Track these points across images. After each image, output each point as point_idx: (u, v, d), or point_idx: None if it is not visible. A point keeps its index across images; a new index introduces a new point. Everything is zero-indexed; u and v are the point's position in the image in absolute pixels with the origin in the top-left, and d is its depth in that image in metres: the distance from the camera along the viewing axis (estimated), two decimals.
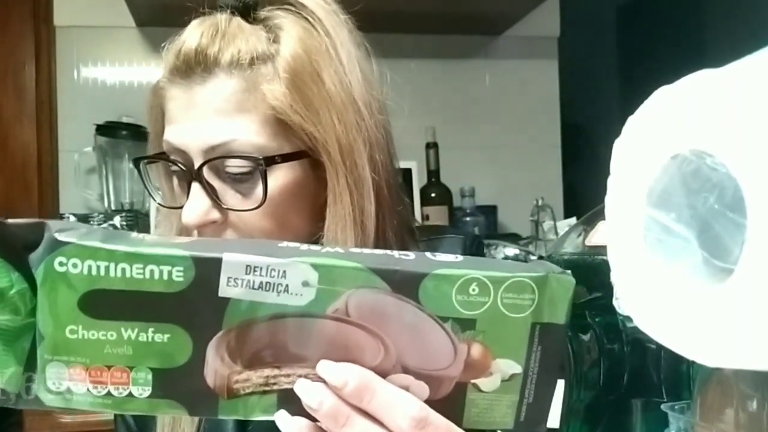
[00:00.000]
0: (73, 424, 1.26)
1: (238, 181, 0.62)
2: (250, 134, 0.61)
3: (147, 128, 0.70)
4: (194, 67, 0.61)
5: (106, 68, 1.87)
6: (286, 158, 0.62)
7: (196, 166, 0.61)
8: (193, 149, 0.61)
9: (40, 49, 1.87)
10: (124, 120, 1.75)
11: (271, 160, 0.61)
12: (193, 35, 0.62)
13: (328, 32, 0.63)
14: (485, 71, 2.06)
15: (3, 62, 1.86)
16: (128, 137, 1.73)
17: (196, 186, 0.62)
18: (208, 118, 0.61)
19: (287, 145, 0.62)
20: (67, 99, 1.86)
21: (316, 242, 0.64)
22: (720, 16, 1.79)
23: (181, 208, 0.64)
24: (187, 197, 0.62)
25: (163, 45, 0.65)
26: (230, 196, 0.62)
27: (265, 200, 0.61)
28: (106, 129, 1.75)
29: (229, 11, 0.64)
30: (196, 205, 0.61)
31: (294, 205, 0.64)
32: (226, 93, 0.61)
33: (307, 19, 0.64)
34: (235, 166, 0.61)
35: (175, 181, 0.67)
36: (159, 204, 0.70)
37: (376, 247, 0.63)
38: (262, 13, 0.65)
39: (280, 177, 0.62)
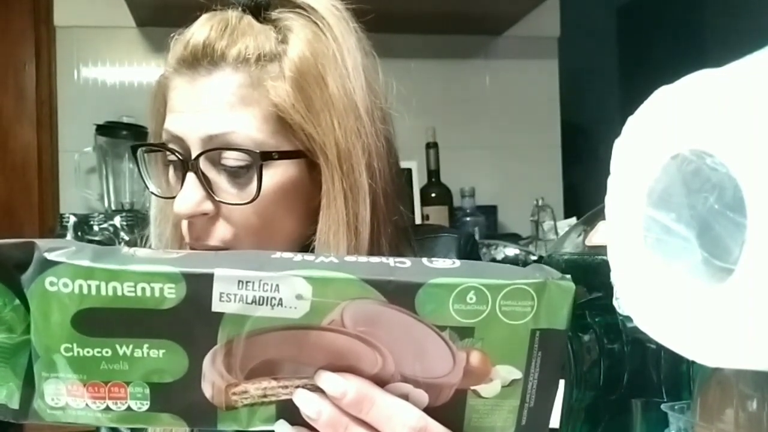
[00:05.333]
0: (71, 426, 1.26)
1: (233, 174, 0.62)
2: (250, 128, 0.61)
3: (148, 122, 0.70)
4: (201, 60, 0.61)
5: (106, 68, 1.87)
6: (283, 156, 0.62)
7: (193, 155, 0.62)
8: (192, 138, 0.62)
9: (40, 49, 1.87)
10: (124, 120, 1.75)
11: (268, 156, 0.61)
12: (203, 28, 0.62)
13: (336, 38, 0.64)
14: (485, 71, 2.06)
15: (3, 62, 1.86)
16: (128, 137, 1.73)
17: (191, 176, 0.62)
18: (210, 108, 0.61)
19: (286, 144, 0.63)
20: (67, 99, 1.86)
21: (308, 246, 0.64)
22: (720, 16, 1.79)
23: (173, 198, 0.64)
24: (182, 187, 0.62)
25: (171, 35, 0.65)
26: (224, 189, 0.63)
27: (258, 195, 0.61)
28: (106, 129, 1.75)
29: (240, 9, 0.65)
30: (189, 195, 0.61)
31: (287, 204, 0.64)
32: (231, 86, 0.61)
33: (316, 23, 0.64)
34: (232, 158, 0.61)
35: (171, 171, 0.66)
36: (153, 193, 0.69)
37: (370, 254, 0.63)
38: (273, 14, 0.66)
39: (275, 174, 0.62)
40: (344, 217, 0.62)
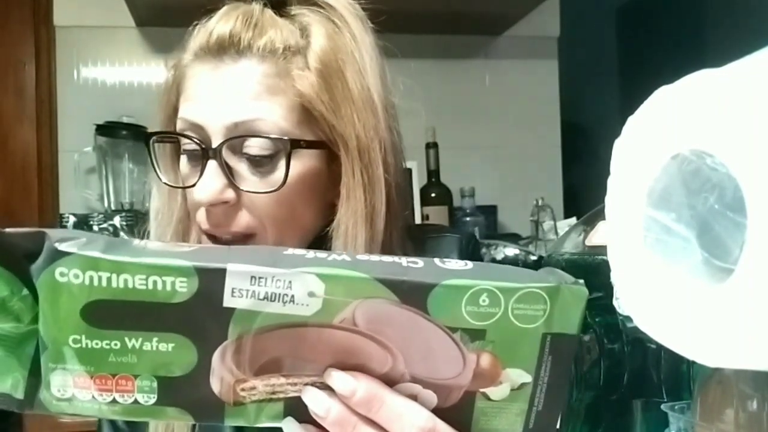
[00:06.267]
0: (73, 424, 1.26)
1: (256, 163, 0.62)
2: (276, 117, 0.61)
3: (156, 113, 0.69)
4: (227, 49, 0.62)
5: (106, 68, 1.87)
6: (310, 145, 0.63)
7: (216, 143, 0.61)
8: (215, 126, 0.61)
9: (40, 49, 1.87)
10: (124, 120, 1.75)
11: (296, 144, 0.62)
12: (228, 18, 0.63)
13: (354, 36, 0.65)
14: (485, 71, 2.06)
15: (3, 62, 1.86)
16: (128, 137, 1.73)
17: (212, 164, 0.61)
18: (235, 96, 0.61)
19: (309, 134, 0.63)
20: (67, 99, 1.86)
21: (321, 238, 0.64)
22: (720, 16, 1.79)
23: (188, 188, 0.64)
24: (200, 175, 0.62)
25: (194, 24, 0.65)
26: (246, 178, 0.63)
27: (284, 183, 0.61)
28: (106, 129, 1.75)
29: (262, 3, 0.65)
30: (211, 183, 0.61)
31: (307, 195, 0.64)
32: (256, 75, 0.62)
33: (334, 21, 0.65)
34: (256, 147, 0.61)
35: (183, 160, 0.66)
36: (165, 183, 0.69)
37: (382, 246, 0.64)
38: (293, 10, 0.66)
39: (299, 164, 0.63)
40: (363, 209, 0.63)
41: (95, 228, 1.65)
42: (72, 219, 1.66)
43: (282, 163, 0.61)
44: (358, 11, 0.67)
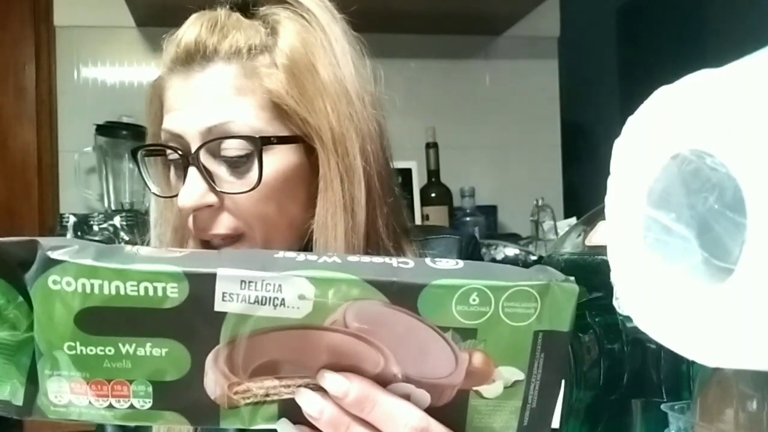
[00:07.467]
0: (73, 423, 1.26)
1: (234, 165, 0.63)
2: (248, 117, 0.62)
3: (147, 127, 0.71)
4: (194, 55, 0.63)
5: (106, 68, 1.87)
6: (281, 140, 0.63)
7: (193, 149, 0.62)
8: (191, 133, 0.62)
9: (40, 49, 1.87)
10: (124, 120, 1.75)
11: (267, 140, 0.62)
12: (193, 27, 0.64)
13: (324, 28, 0.65)
14: (485, 71, 2.06)
15: (3, 62, 1.86)
16: (128, 137, 1.73)
17: (192, 170, 0.62)
18: (206, 101, 0.62)
19: (284, 130, 0.64)
20: (67, 99, 1.86)
21: (308, 230, 0.65)
22: (720, 16, 1.79)
23: (175, 196, 0.65)
24: (184, 183, 0.63)
25: (163, 36, 0.66)
26: (226, 180, 0.63)
27: (260, 181, 0.61)
28: (106, 129, 1.75)
29: (228, 7, 0.66)
30: (192, 189, 0.62)
31: (289, 190, 0.64)
32: (225, 78, 0.62)
33: (303, 15, 0.66)
34: (232, 148, 0.62)
35: (173, 171, 0.67)
36: (155, 194, 0.70)
37: (367, 236, 0.64)
38: (261, 10, 0.67)
39: (276, 161, 0.63)
40: (341, 199, 0.63)
41: (95, 228, 1.65)
42: (72, 219, 1.66)
43: (257, 162, 0.62)
44: (325, 2, 0.67)
